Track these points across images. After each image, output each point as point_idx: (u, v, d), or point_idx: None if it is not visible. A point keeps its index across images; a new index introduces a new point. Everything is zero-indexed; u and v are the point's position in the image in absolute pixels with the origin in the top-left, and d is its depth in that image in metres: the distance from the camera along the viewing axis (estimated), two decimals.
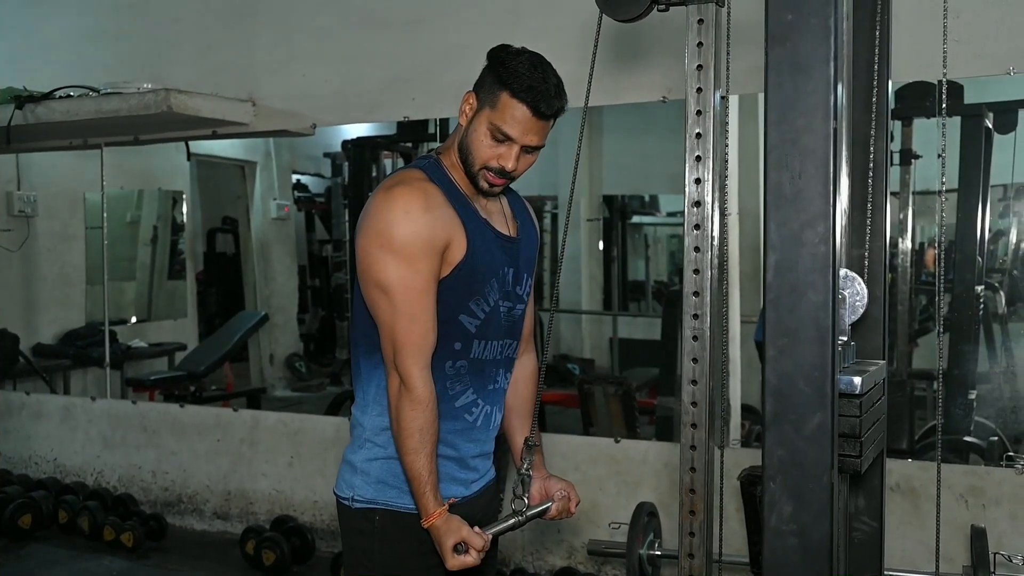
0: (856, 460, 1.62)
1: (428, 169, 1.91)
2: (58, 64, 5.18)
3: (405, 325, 1.82)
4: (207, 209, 8.54)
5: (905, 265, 4.89)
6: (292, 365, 8.08)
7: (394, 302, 1.82)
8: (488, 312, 1.93)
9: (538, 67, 1.84)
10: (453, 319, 1.89)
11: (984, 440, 4.36)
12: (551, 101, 1.84)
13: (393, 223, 1.81)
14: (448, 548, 1.82)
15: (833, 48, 1.43)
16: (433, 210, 1.84)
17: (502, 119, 1.84)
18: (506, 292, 1.97)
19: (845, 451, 1.61)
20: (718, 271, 1.81)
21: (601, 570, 3.97)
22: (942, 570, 2.36)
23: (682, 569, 1.80)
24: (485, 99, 1.87)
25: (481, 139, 1.87)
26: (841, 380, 1.59)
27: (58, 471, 5.34)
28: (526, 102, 1.82)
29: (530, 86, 1.82)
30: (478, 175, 1.89)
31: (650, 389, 5.82)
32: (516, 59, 1.85)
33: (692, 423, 1.77)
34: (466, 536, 1.82)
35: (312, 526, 4.54)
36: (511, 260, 1.99)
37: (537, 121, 1.85)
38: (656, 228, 9.38)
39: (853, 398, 1.63)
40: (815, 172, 1.42)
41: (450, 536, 1.82)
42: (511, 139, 1.85)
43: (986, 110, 4.47)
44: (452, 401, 1.94)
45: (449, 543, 1.82)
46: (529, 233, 2.08)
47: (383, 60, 4.44)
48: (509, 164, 1.87)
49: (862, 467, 1.64)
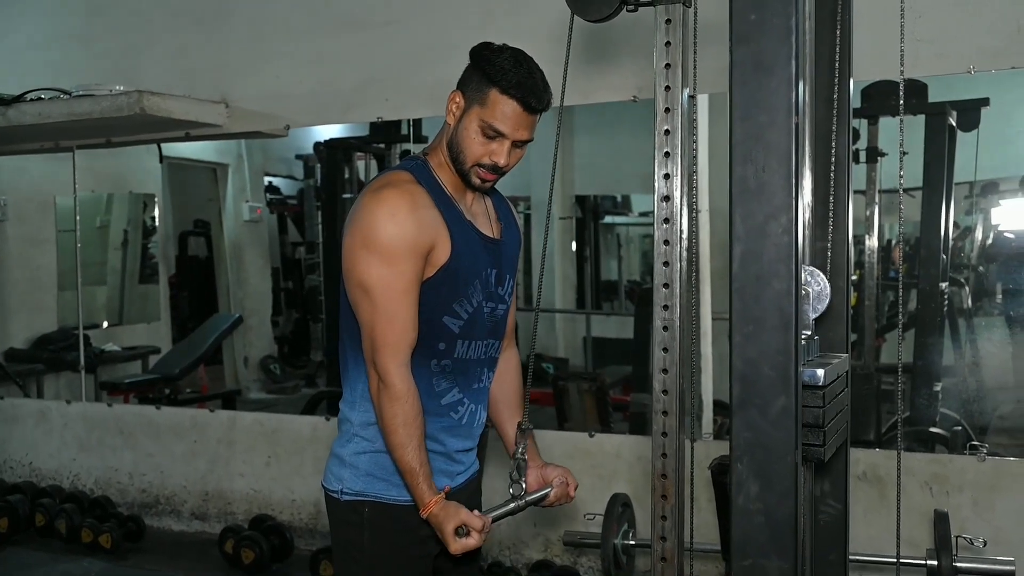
0: (820, 449, 1.68)
1: (415, 171, 1.95)
2: (28, 66, 5.17)
3: (384, 324, 1.86)
4: (178, 212, 8.50)
5: (872, 262, 4.99)
6: (267, 367, 8.07)
7: (374, 302, 1.86)
8: (471, 313, 1.97)
9: (522, 63, 1.89)
10: (437, 320, 1.93)
11: (948, 430, 4.46)
12: (540, 95, 1.88)
13: (378, 225, 1.84)
14: (450, 533, 1.85)
15: (795, 47, 1.49)
16: (419, 212, 1.87)
17: (492, 116, 1.87)
18: (489, 293, 2.01)
19: (809, 440, 1.67)
20: (687, 264, 1.87)
21: (577, 561, 4.02)
22: (908, 554, 2.43)
23: (655, 552, 1.85)
24: (473, 97, 1.90)
25: (472, 137, 1.90)
26: (805, 372, 1.64)
27: (34, 475, 5.33)
28: (516, 98, 1.86)
29: (518, 82, 1.85)
30: (470, 172, 1.93)
31: (623, 386, 5.89)
32: (500, 56, 1.89)
33: (663, 411, 1.83)
34: (465, 518, 1.85)
35: (291, 524, 4.56)
36: (494, 261, 2.02)
37: (527, 116, 1.89)
38: (628, 228, 9.45)
39: (816, 389, 1.69)
40: (778, 166, 1.48)
41: (450, 521, 1.85)
42: (503, 135, 1.88)
43: (950, 108, 4.57)
44: (439, 399, 1.98)
45: (450, 527, 1.85)
46: (512, 234, 2.12)
47: (356, 61, 4.47)
48: (502, 160, 1.90)
49: (825, 455, 1.70)
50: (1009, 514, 3.38)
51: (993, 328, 5.32)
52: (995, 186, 5.74)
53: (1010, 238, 5.61)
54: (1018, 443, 4.69)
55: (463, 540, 1.85)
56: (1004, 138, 5.29)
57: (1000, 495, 3.39)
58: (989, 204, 5.81)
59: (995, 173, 5.59)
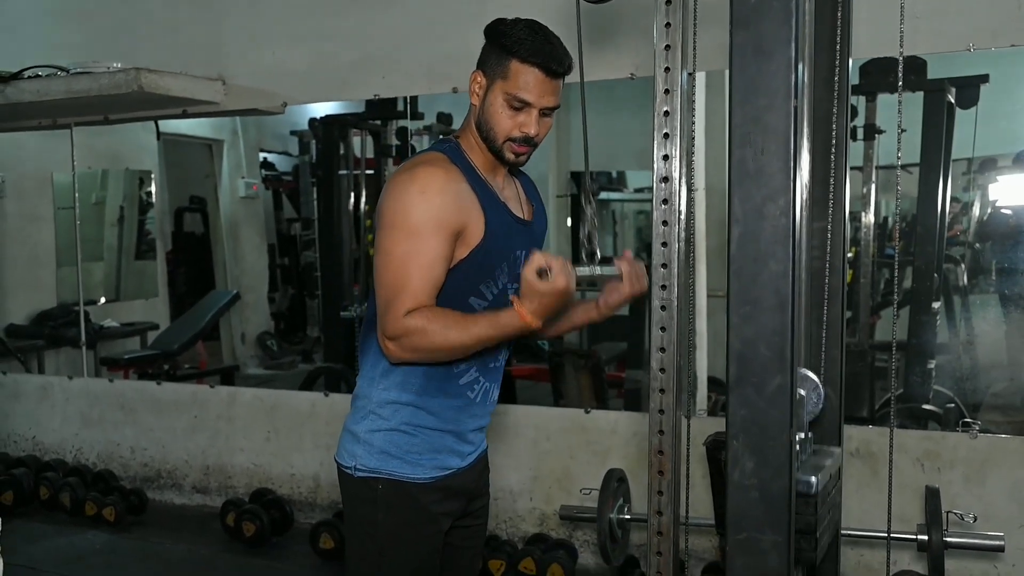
0: (812, 554, 1.81)
1: (450, 152, 1.95)
2: (24, 43, 5.16)
3: (396, 291, 1.84)
4: (174, 188, 8.49)
5: (868, 239, 5.01)
6: (264, 343, 8.10)
7: (393, 274, 1.85)
8: (496, 294, 1.99)
9: (538, 31, 1.90)
10: (463, 301, 1.94)
11: (941, 407, 4.50)
12: (561, 59, 1.89)
13: (408, 201, 1.84)
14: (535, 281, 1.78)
15: (794, 31, 1.52)
16: (451, 191, 1.87)
17: (516, 86, 1.88)
18: (515, 275, 2.00)
19: (800, 546, 1.77)
20: (685, 244, 1.89)
21: (573, 535, 4.08)
22: (899, 529, 2.47)
23: (651, 526, 1.90)
24: (494, 73, 1.91)
25: (499, 111, 1.90)
26: (799, 481, 1.76)
27: (37, 449, 5.38)
28: (537, 64, 1.86)
29: (537, 48, 1.86)
30: (503, 148, 1.93)
31: (619, 363, 5.93)
32: (515, 28, 1.90)
33: (660, 388, 1.87)
34: (539, 261, 1.78)
35: (290, 498, 4.61)
36: (524, 243, 2.03)
37: (550, 81, 1.89)
38: (624, 204, 9.45)
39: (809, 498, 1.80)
40: (776, 149, 1.50)
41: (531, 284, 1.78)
42: (529, 104, 1.89)
43: (948, 85, 4.57)
44: (456, 379, 1.99)
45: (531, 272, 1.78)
46: (540, 217, 2.14)
47: (353, 38, 4.47)
48: (532, 130, 1.90)
49: (817, 560, 1.83)
50: (999, 490, 3.43)
51: (988, 306, 5.35)
52: (993, 162, 5.75)
53: (1007, 214, 5.63)
54: (1010, 420, 4.73)
55: (551, 281, 1.78)
56: (1003, 114, 5.29)
57: (991, 471, 3.44)
58: (987, 180, 5.82)
59: (993, 150, 5.61)
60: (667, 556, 1.91)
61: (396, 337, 1.85)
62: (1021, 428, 4.51)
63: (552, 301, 1.79)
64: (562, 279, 1.77)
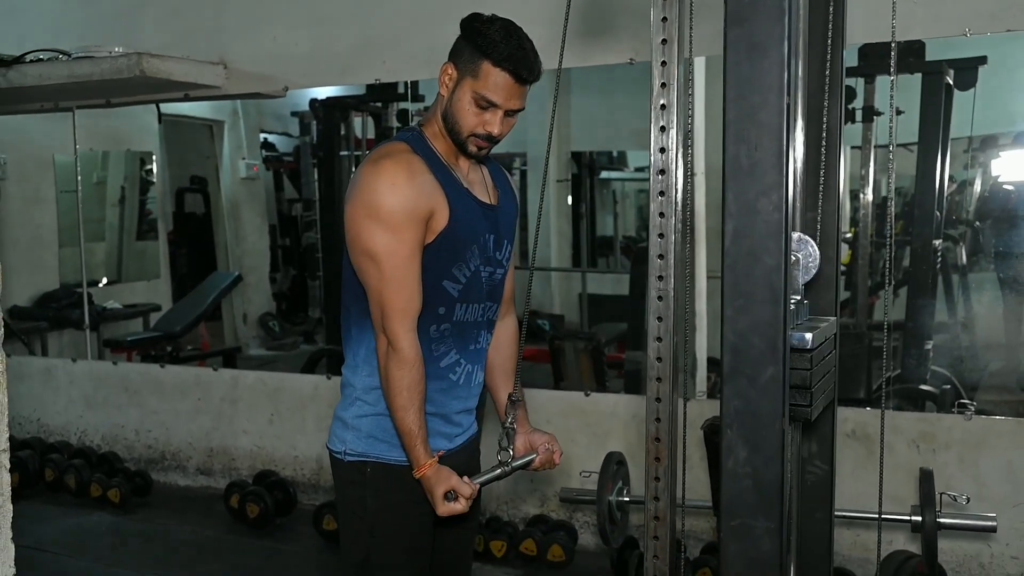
0: (807, 409, 1.75)
1: (412, 141, 2.01)
2: (26, 26, 5.16)
3: (392, 291, 1.93)
4: (175, 169, 8.51)
5: (867, 220, 5.02)
6: (265, 324, 8.14)
7: (382, 269, 1.92)
8: (469, 277, 2.04)
9: (513, 34, 1.93)
10: (437, 284, 2.00)
11: (938, 388, 4.53)
12: (531, 67, 1.94)
13: (380, 195, 1.91)
14: (439, 496, 1.94)
15: (787, 28, 1.54)
16: (417, 181, 1.93)
17: (485, 87, 1.93)
18: (487, 258, 2.08)
19: (796, 401, 1.74)
20: (681, 234, 1.92)
21: (573, 516, 4.13)
22: (895, 510, 2.51)
23: (648, 511, 1.94)
24: (465, 69, 1.95)
25: (466, 108, 1.96)
26: (793, 336, 1.70)
27: (42, 431, 5.43)
28: (508, 70, 1.91)
29: (510, 54, 1.91)
30: (466, 142, 1.99)
31: (619, 344, 5.96)
32: (491, 27, 1.93)
33: (657, 377, 1.91)
34: (455, 485, 1.94)
35: (293, 480, 4.67)
36: (492, 227, 2.09)
37: (519, 87, 1.94)
38: (624, 184, 9.46)
39: (804, 352, 1.75)
40: (770, 145, 1.53)
41: (440, 485, 1.94)
42: (495, 105, 1.94)
43: (947, 67, 4.58)
44: (437, 362, 2.05)
45: (440, 491, 1.94)
46: (509, 201, 2.18)
47: (354, 23, 4.48)
48: (496, 130, 1.97)
49: (812, 415, 1.78)
50: (993, 471, 3.47)
51: (985, 285, 5.37)
52: (993, 140, 5.77)
53: (1008, 190, 5.64)
54: (1007, 400, 4.77)
55: (451, 504, 1.95)
56: (1002, 94, 5.30)
57: (985, 452, 3.48)
58: (988, 159, 5.84)
59: (991, 129, 5.62)
60: (664, 540, 1.96)
61: (391, 341, 1.94)
62: (1017, 409, 4.55)
63: (437, 503, 1.96)
64: (458, 507, 1.95)
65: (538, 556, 3.87)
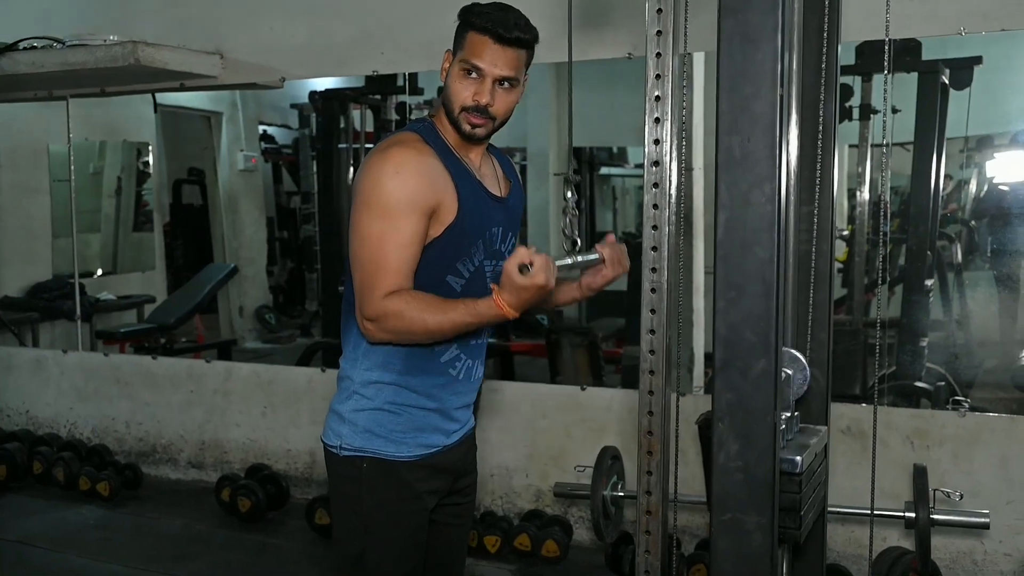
0: (796, 532, 1.79)
1: (423, 131, 1.98)
2: (18, 13, 5.13)
3: (372, 272, 1.88)
4: (172, 160, 8.49)
5: (863, 217, 5.02)
6: (262, 317, 8.13)
7: (369, 254, 1.88)
8: (473, 272, 2.01)
9: (502, 8, 1.94)
10: (441, 279, 1.97)
11: (933, 385, 4.53)
12: (509, 26, 1.91)
13: (382, 182, 1.88)
14: (516, 277, 1.81)
15: (781, 19, 1.52)
16: (424, 170, 1.90)
17: (470, 53, 1.92)
18: (492, 251, 2.05)
19: (786, 524, 1.75)
20: (675, 227, 1.91)
21: (568, 512, 4.12)
22: (889, 506, 2.50)
23: (640, 506, 1.92)
24: (456, 48, 1.97)
25: (455, 80, 1.95)
26: (783, 459, 1.74)
27: (31, 423, 5.40)
28: (486, 31, 1.90)
29: (488, 16, 1.91)
30: (460, 119, 1.96)
31: (616, 339, 5.95)
32: (480, 6, 1.95)
33: (650, 370, 1.89)
34: (521, 256, 1.80)
35: (286, 473, 4.65)
36: (500, 220, 2.07)
37: (501, 48, 1.92)
38: (624, 179, 9.45)
39: (794, 476, 1.79)
40: (762, 136, 1.52)
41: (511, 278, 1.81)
42: (480, 70, 1.92)
43: (943, 66, 4.58)
44: (437, 357, 2.02)
45: (513, 266, 1.80)
46: (517, 194, 2.18)
47: (352, 14, 4.45)
48: (484, 98, 1.93)
49: (801, 538, 1.83)
50: (987, 467, 3.46)
51: (979, 284, 5.37)
52: (989, 140, 5.77)
53: (1003, 190, 5.64)
54: (1001, 397, 4.77)
55: (531, 276, 1.80)
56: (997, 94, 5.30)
57: (979, 449, 3.47)
58: (983, 159, 5.83)
59: (988, 128, 5.62)
60: (656, 535, 1.94)
61: (374, 319, 1.89)
62: (1011, 406, 4.54)
63: (530, 295, 1.83)
64: (542, 276, 1.80)
65: (532, 551, 3.85)
